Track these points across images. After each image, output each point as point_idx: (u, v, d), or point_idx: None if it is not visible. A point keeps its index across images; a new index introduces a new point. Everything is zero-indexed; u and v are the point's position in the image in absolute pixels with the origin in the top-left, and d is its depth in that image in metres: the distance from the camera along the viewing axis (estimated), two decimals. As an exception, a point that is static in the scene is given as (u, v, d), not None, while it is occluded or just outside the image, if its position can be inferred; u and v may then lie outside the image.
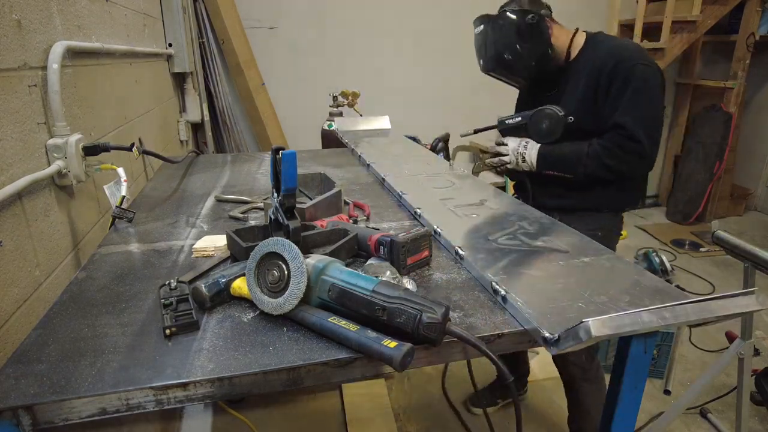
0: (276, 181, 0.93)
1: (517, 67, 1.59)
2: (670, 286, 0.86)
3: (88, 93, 1.45)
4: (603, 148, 1.49)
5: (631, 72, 1.45)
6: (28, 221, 1.03)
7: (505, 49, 1.56)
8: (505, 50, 1.56)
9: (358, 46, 3.86)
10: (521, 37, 1.53)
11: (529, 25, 1.52)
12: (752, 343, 1.67)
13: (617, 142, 1.47)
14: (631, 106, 1.45)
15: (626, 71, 1.45)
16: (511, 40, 1.54)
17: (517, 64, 1.58)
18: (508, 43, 1.55)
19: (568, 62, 1.59)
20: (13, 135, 1.00)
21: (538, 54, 1.55)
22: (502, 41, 1.56)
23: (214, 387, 0.68)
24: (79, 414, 0.65)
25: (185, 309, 0.81)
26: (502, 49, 1.56)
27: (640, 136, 1.44)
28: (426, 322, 0.69)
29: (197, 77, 3.17)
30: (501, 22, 1.55)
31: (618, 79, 1.46)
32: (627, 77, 1.45)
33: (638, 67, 1.45)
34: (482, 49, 1.63)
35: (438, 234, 1.13)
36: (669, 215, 4.65)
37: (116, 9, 1.81)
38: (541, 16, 1.53)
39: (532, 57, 1.56)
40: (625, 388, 0.82)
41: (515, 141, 1.64)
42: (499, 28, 1.56)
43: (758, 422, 2.13)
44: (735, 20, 4.19)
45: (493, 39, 1.58)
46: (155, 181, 1.74)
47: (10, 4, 1.03)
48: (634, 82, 1.44)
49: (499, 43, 1.57)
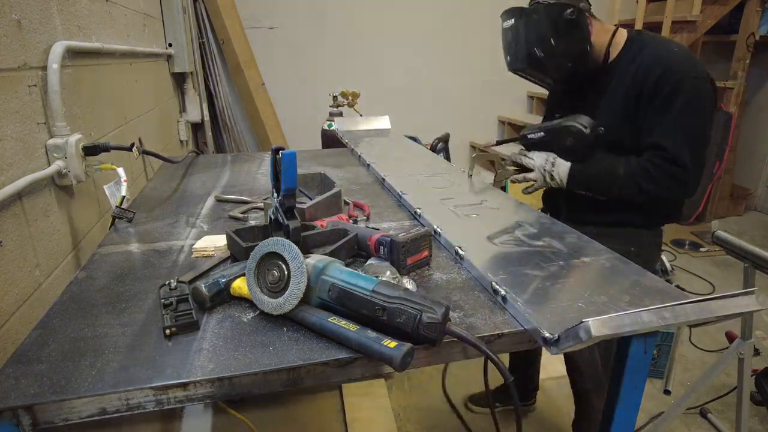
0: (276, 181, 0.93)
1: (550, 66, 1.43)
2: (670, 286, 0.86)
3: (88, 93, 1.45)
4: (642, 169, 1.33)
5: (680, 85, 1.28)
6: (28, 221, 1.03)
7: (538, 46, 1.39)
8: (538, 48, 1.39)
9: (358, 46, 3.86)
10: (558, 33, 1.36)
11: (567, 21, 1.35)
12: (752, 343, 1.66)
13: (658, 165, 1.31)
14: (675, 125, 1.30)
15: (674, 83, 1.29)
16: (546, 37, 1.37)
17: (551, 64, 1.42)
18: (542, 39, 1.38)
19: (606, 64, 1.43)
20: (13, 135, 1.00)
21: (576, 53, 1.39)
22: (536, 37, 1.39)
23: (214, 387, 0.68)
24: (79, 414, 0.65)
25: (185, 309, 0.81)
26: (535, 47, 1.39)
27: (684, 160, 1.29)
28: (426, 322, 0.69)
29: (197, 77, 3.17)
30: (536, 17, 1.38)
31: (663, 92, 1.30)
32: (674, 90, 1.29)
33: (688, 80, 1.29)
34: (512, 45, 1.46)
35: (438, 234, 1.13)
36: (669, 215, 4.65)
37: (116, 9, 1.81)
38: (581, 11, 1.36)
39: (568, 56, 1.40)
40: (625, 388, 0.82)
41: (541, 157, 1.47)
42: (534, 23, 1.38)
43: (758, 422, 2.13)
44: (735, 20, 4.19)
45: (525, 35, 1.41)
46: (155, 181, 1.74)
47: (10, 4, 1.03)
48: (682, 97, 1.28)
49: (531, 40, 1.40)
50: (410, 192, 1.42)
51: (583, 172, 1.42)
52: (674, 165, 1.30)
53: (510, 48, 1.48)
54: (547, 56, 1.40)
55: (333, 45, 3.80)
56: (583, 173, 1.42)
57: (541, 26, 1.37)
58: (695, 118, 1.31)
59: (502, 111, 4.48)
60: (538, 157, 1.47)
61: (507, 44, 1.49)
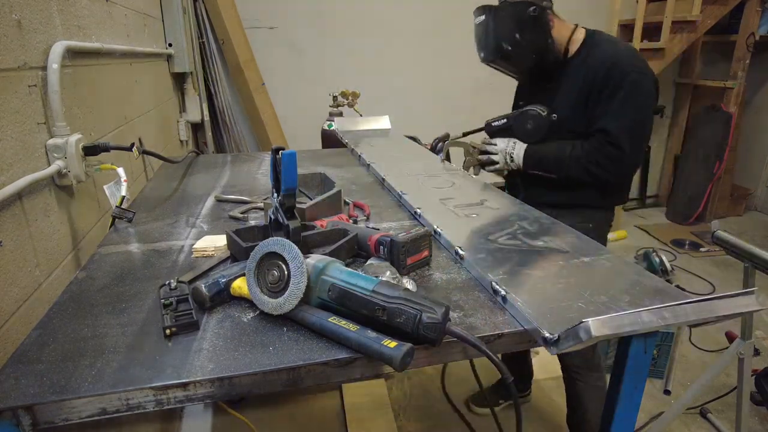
0: (276, 181, 0.93)
1: (516, 58, 1.59)
2: (670, 286, 0.86)
3: (88, 93, 1.45)
4: (585, 152, 1.51)
5: (624, 79, 1.45)
6: (28, 221, 1.03)
7: (505, 39, 1.55)
8: (505, 41, 1.55)
9: (358, 46, 3.86)
10: (522, 28, 1.52)
11: (530, 17, 1.51)
12: (752, 343, 1.66)
13: (599, 148, 1.49)
14: (618, 113, 1.46)
15: (619, 77, 1.45)
16: (512, 31, 1.53)
17: (517, 56, 1.57)
18: (509, 34, 1.54)
19: (566, 58, 1.59)
20: (13, 135, 1.00)
21: (539, 46, 1.55)
22: (503, 32, 1.55)
23: (214, 387, 0.68)
24: (79, 414, 0.65)
25: (185, 309, 0.81)
26: (502, 40, 1.55)
27: (622, 142, 1.45)
28: (426, 322, 0.69)
29: (197, 77, 3.17)
30: (503, 13, 1.55)
31: (610, 84, 1.46)
32: (619, 83, 1.45)
33: (632, 74, 1.45)
34: (482, 39, 1.61)
35: (438, 234, 1.13)
36: (669, 215, 4.65)
37: (116, 9, 1.81)
38: (543, 9, 1.53)
39: (532, 49, 1.55)
40: (625, 388, 0.82)
41: (504, 141, 1.66)
42: (501, 18, 1.55)
43: (758, 422, 2.13)
44: (735, 20, 4.19)
45: (494, 29, 1.57)
46: (155, 181, 1.74)
47: (10, 4, 1.03)
48: (626, 88, 1.45)
49: (499, 34, 1.56)
50: (410, 192, 1.43)
51: (535, 153, 1.60)
52: (613, 146, 1.47)
53: (481, 41, 1.63)
54: (513, 49, 1.55)
55: (333, 45, 3.80)
56: (536, 154, 1.60)
57: (508, 22, 1.54)
58: (636, 108, 1.47)
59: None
60: (501, 141, 1.67)
61: (478, 38, 1.64)
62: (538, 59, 1.57)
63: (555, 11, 1.58)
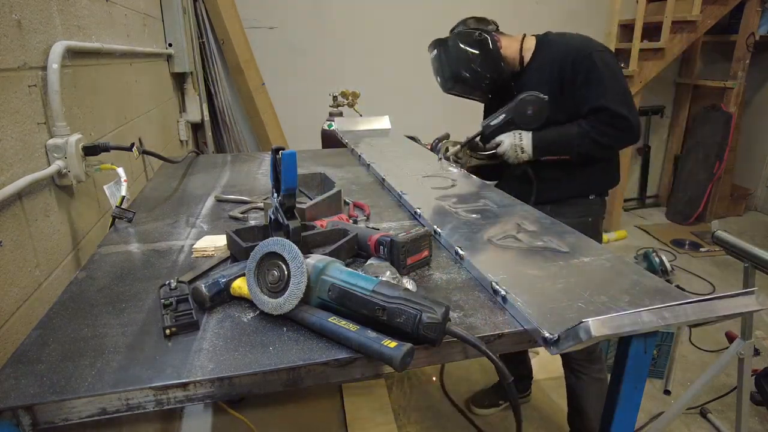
0: (276, 181, 0.93)
1: (473, 82, 1.71)
2: (670, 286, 0.86)
3: (88, 93, 1.45)
4: (592, 127, 1.59)
5: (593, 61, 1.57)
6: (28, 221, 1.03)
7: (459, 68, 1.69)
8: (459, 69, 1.69)
9: (358, 46, 3.86)
10: (472, 55, 1.66)
11: (477, 42, 1.66)
12: (752, 343, 1.66)
13: (604, 121, 1.57)
14: (604, 89, 1.57)
15: (588, 61, 1.58)
16: (463, 60, 1.67)
17: (473, 81, 1.70)
18: (461, 62, 1.68)
19: (523, 67, 1.72)
20: (13, 135, 1.00)
21: (492, 67, 1.68)
22: (456, 62, 1.69)
23: (214, 387, 0.68)
24: (79, 414, 0.65)
25: (185, 309, 0.81)
26: (457, 69, 1.69)
27: (624, 112, 1.56)
28: (426, 322, 0.69)
29: (197, 77, 3.17)
30: (452, 44, 1.69)
31: (582, 70, 1.58)
32: (591, 66, 1.57)
33: (595, 54, 1.58)
34: (439, 71, 1.76)
35: (438, 234, 1.13)
36: (669, 215, 4.65)
37: (116, 9, 1.81)
38: (488, 32, 1.67)
39: (486, 71, 1.68)
40: (625, 388, 0.82)
41: (508, 136, 1.67)
42: (451, 49, 1.69)
43: (758, 422, 2.13)
44: (735, 20, 4.19)
45: (447, 61, 1.71)
46: (155, 181, 1.74)
47: (10, 4, 1.03)
48: (598, 68, 1.57)
49: (453, 64, 1.70)
50: (410, 192, 1.42)
51: (543, 139, 1.65)
52: (617, 118, 1.56)
53: (438, 73, 1.77)
54: (468, 75, 1.69)
55: (333, 45, 3.80)
56: (544, 139, 1.65)
57: (458, 51, 1.68)
58: (614, 79, 1.59)
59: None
60: (505, 137, 1.68)
61: (435, 71, 1.78)
62: (494, 78, 1.70)
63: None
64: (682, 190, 4.58)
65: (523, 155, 1.67)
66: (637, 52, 3.79)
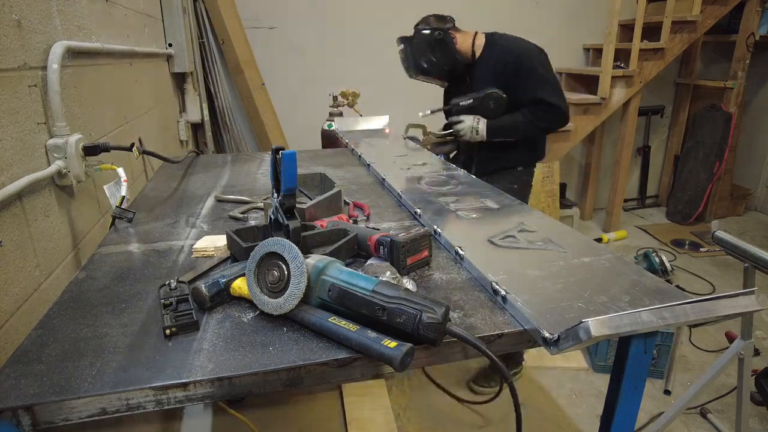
0: (276, 181, 0.93)
1: (433, 72, 2.11)
2: (670, 286, 0.86)
3: (88, 93, 1.45)
4: (534, 116, 2.01)
5: (532, 59, 1.98)
6: (28, 221, 1.03)
7: (421, 60, 2.06)
8: (421, 61, 2.06)
9: (358, 46, 3.86)
10: (432, 50, 2.02)
11: (436, 40, 2.00)
12: (752, 343, 1.66)
13: (544, 110, 2.00)
14: (542, 84, 1.98)
15: (528, 60, 1.98)
16: (425, 54, 2.04)
17: (433, 71, 2.09)
18: (423, 56, 2.04)
19: (474, 59, 2.08)
20: (13, 135, 1.00)
21: (448, 60, 2.05)
22: (419, 55, 2.05)
23: (214, 387, 0.68)
24: (79, 414, 0.65)
25: (185, 309, 0.81)
26: (419, 61, 2.06)
27: (556, 101, 1.98)
28: (426, 322, 0.69)
29: (197, 77, 3.16)
30: (415, 41, 2.04)
31: (523, 67, 1.97)
32: (530, 64, 1.97)
33: (533, 54, 2.00)
34: (405, 62, 2.13)
35: (438, 234, 1.13)
36: (669, 215, 4.65)
37: (116, 9, 1.81)
38: (446, 31, 2.01)
39: (443, 63, 2.05)
40: (625, 388, 0.82)
41: (469, 118, 2.06)
42: (415, 45, 2.04)
43: (758, 422, 2.13)
44: (735, 20, 4.19)
45: (412, 54, 2.06)
46: (155, 181, 1.74)
47: (10, 4, 1.03)
48: (535, 67, 1.98)
49: (416, 57, 2.06)
50: (410, 192, 1.42)
51: (495, 124, 2.06)
52: (552, 107, 1.99)
53: (405, 64, 2.15)
54: (429, 66, 2.07)
55: (333, 45, 3.80)
56: (495, 125, 2.06)
57: (421, 47, 2.04)
58: (550, 76, 2.02)
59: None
60: (467, 118, 2.08)
61: (403, 61, 2.15)
62: (450, 68, 2.07)
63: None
64: (682, 190, 4.58)
65: (477, 136, 2.06)
66: (637, 52, 3.78)
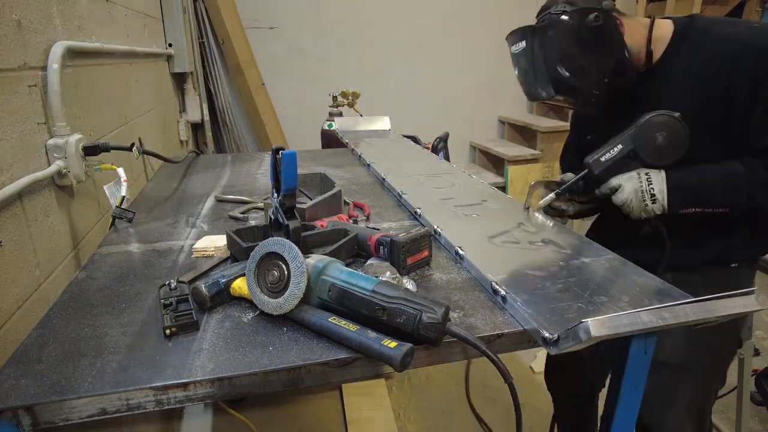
0: (276, 181, 0.93)
1: (584, 88, 1.14)
2: (670, 286, 0.86)
3: (88, 93, 1.45)
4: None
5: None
6: (28, 221, 1.03)
7: (564, 66, 1.11)
8: (564, 69, 1.11)
9: (358, 46, 3.86)
10: (585, 46, 1.10)
11: (592, 29, 1.08)
12: (752, 343, 1.66)
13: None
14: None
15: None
16: (571, 54, 1.11)
17: (585, 85, 1.14)
18: (567, 58, 1.11)
19: (650, 66, 1.15)
20: (13, 135, 1.00)
21: (612, 65, 1.12)
22: (560, 57, 1.11)
23: (214, 387, 0.68)
24: (79, 414, 0.65)
25: (185, 309, 0.81)
26: (560, 68, 1.11)
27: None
28: (426, 322, 0.69)
29: (197, 77, 3.17)
30: (551, 33, 1.11)
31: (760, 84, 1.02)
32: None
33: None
34: (529, 72, 1.17)
35: (438, 234, 1.13)
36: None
37: (116, 9, 1.81)
38: (607, 13, 1.09)
39: (604, 71, 1.12)
40: (625, 388, 0.82)
41: (630, 178, 1.08)
42: (551, 40, 1.11)
43: (758, 422, 2.13)
44: (735, 20, 4.19)
45: (544, 57, 1.12)
46: (155, 181, 1.74)
47: (10, 4, 1.03)
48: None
49: (553, 61, 1.11)
50: (410, 192, 1.42)
51: (685, 181, 1.07)
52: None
53: (527, 76, 1.18)
54: (577, 77, 1.12)
55: (333, 45, 3.80)
56: (686, 181, 1.07)
57: (562, 43, 1.11)
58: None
59: (502, 111, 4.49)
60: (626, 179, 1.09)
61: (522, 72, 1.19)
62: (614, 82, 1.13)
63: None
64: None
65: (654, 206, 1.07)
66: (637, 52, 3.79)
